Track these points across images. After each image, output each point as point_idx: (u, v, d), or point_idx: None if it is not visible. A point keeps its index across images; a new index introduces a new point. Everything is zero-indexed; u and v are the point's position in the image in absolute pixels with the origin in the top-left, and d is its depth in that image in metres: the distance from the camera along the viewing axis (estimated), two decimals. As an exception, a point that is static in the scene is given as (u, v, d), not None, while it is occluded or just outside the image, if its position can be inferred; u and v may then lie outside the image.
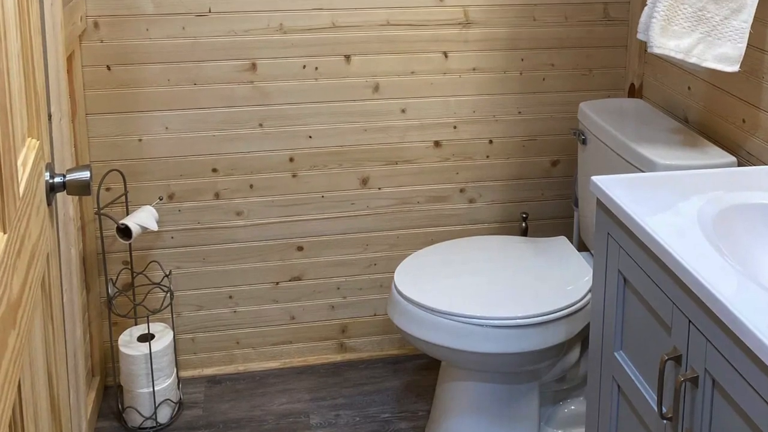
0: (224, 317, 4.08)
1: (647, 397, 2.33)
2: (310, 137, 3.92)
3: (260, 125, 3.86)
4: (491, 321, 3.23)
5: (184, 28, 3.69)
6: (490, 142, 4.07)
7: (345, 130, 3.94)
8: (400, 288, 3.36)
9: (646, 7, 2.97)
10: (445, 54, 3.91)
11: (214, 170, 3.88)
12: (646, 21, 2.95)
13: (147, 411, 3.73)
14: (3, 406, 1.34)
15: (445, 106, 3.99)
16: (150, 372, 3.70)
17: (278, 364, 4.18)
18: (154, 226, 3.68)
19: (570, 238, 3.88)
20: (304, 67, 3.82)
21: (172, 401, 3.82)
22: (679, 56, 2.94)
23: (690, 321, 2.06)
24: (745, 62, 3.00)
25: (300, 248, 4.05)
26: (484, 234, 4.14)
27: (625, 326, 2.51)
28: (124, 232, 3.61)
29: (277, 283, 4.08)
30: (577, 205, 3.89)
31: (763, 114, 3.10)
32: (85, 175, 2.06)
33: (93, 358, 3.83)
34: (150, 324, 3.77)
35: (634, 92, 4.02)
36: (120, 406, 3.82)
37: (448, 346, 3.25)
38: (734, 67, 2.96)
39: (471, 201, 4.14)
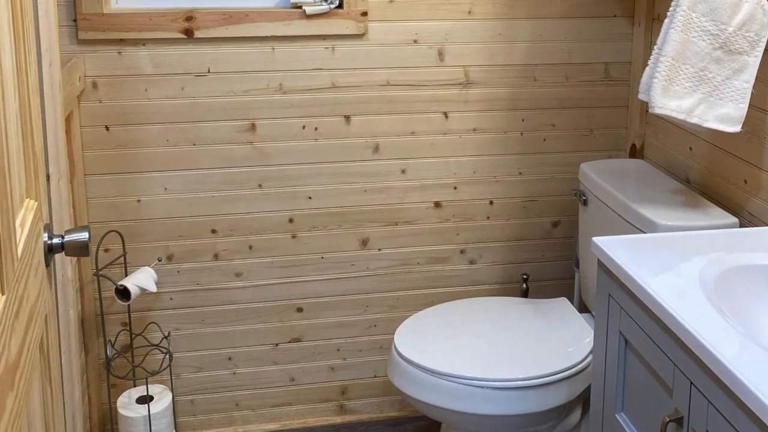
0: (223, 379, 4.04)
1: (651, 460, 2.30)
2: (310, 198, 3.90)
3: (260, 186, 3.85)
4: (491, 383, 3.21)
5: (183, 88, 3.69)
6: (491, 202, 4.06)
7: (345, 191, 3.93)
8: (400, 349, 3.34)
9: (647, 67, 2.97)
10: (446, 114, 3.90)
11: (214, 231, 3.86)
12: (648, 81, 2.95)
13: (145, 474, 3.70)
14: (-2, 470, 1.32)
15: (446, 167, 3.98)
16: (148, 434, 3.67)
17: (278, 426, 4.14)
18: (153, 288, 3.66)
19: (571, 300, 3.86)
20: (304, 127, 3.82)
21: (170, 464, 3.79)
22: (681, 116, 2.93)
23: (691, 382, 2.04)
24: (747, 123, 3.00)
25: (300, 309, 4.03)
26: (484, 295, 4.12)
27: (627, 388, 2.48)
28: (123, 293, 3.59)
29: (277, 345, 4.05)
30: (578, 266, 3.87)
31: (765, 175, 3.09)
32: (84, 236, 2.05)
33: (92, 420, 3.79)
34: (149, 386, 3.75)
35: (635, 153, 4.01)
36: (117, 469, 3.78)
37: (449, 407, 3.23)
38: (736, 128, 2.96)
39: (471, 262, 4.12)
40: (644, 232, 3.18)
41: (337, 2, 3.69)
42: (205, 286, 3.93)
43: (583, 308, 3.84)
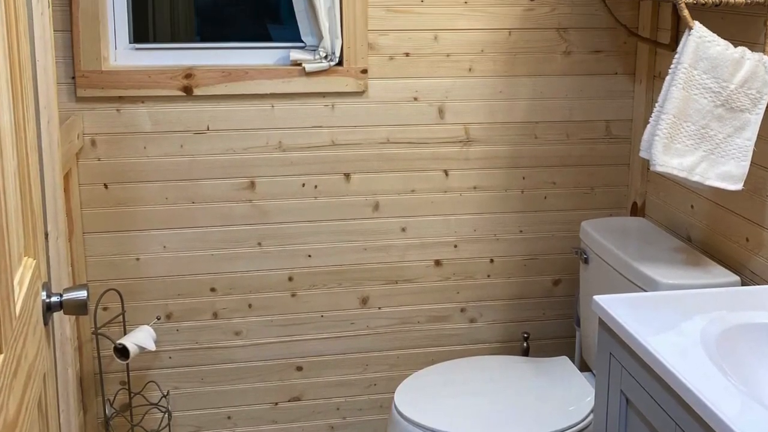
0: (222, 439, 4.02)
1: None
2: (310, 256, 3.89)
3: (259, 244, 3.83)
4: (493, 443, 3.18)
5: (182, 145, 3.69)
6: (491, 261, 4.04)
7: (344, 249, 3.91)
8: (401, 408, 3.31)
9: (648, 125, 2.96)
10: (446, 172, 3.90)
11: (213, 289, 3.84)
12: (649, 139, 2.94)
13: None
14: None
15: (446, 225, 3.97)
16: (145, 495, 3.64)
17: (277, 487, 4.11)
18: (151, 346, 3.64)
19: (572, 358, 3.83)
20: (304, 185, 3.81)
21: None
22: (682, 174, 2.92)
23: (694, 442, 2.01)
24: (749, 180, 2.99)
25: (299, 368, 4.00)
26: (485, 354, 4.09)
27: (629, 448, 2.46)
28: (122, 352, 3.56)
29: (276, 404, 4.02)
30: (579, 325, 3.85)
31: (767, 233, 3.08)
32: (82, 294, 2.04)
33: (88, 480, 3.76)
34: (147, 446, 3.72)
35: (636, 211, 4.00)
36: None
37: (450, 467, 3.20)
38: (738, 186, 2.95)
39: (472, 320, 4.09)
40: (645, 291, 3.16)
41: (337, 59, 3.69)
42: (204, 344, 3.90)
43: (584, 367, 3.81)
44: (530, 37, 3.81)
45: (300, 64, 3.68)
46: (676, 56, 2.87)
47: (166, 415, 3.75)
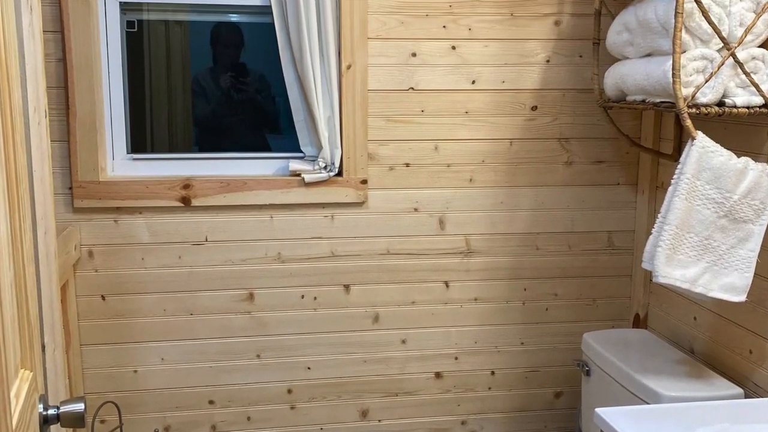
0: None
1: None
2: (309, 368, 3.85)
3: (258, 356, 3.79)
4: None
5: (180, 257, 3.67)
6: (492, 373, 4.00)
7: (344, 361, 3.87)
8: None
9: (651, 236, 2.94)
10: (447, 283, 3.87)
11: (211, 402, 3.79)
12: (652, 250, 2.92)
13: None
14: None
15: (446, 337, 3.93)
16: None
17: None
18: (146, 461, 3.58)
19: (576, 473, 3.78)
20: (303, 296, 3.78)
21: None
22: (685, 286, 2.89)
23: None
24: (752, 292, 2.98)
25: (297, 484, 3.94)
26: (487, 468, 4.04)
27: None
28: (116, 466, 3.51)
29: None
30: (582, 439, 3.80)
31: (773, 345, 3.06)
32: (79, 407, 2.01)
33: None
34: None
35: (639, 322, 3.97)
36: None
37: None
38: (741, 297, 2.92)
39: (473, 434, 4.05)
40: (648, 404, 3.12)
41: (337, 170, 3.68)
42: (200, 459, 3.85)
43: (589, 482, 3.75)
44: (532, 147, 3.81)
45: (299, 175, 3.68)
46: (679, 166, 2.86)
47: None
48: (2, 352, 1.53)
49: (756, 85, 2.89)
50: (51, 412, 2.00)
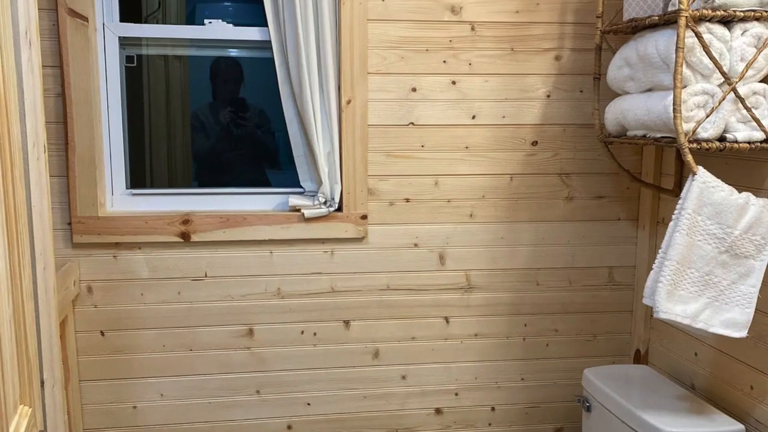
0: None
1: None
2: (309, 404, 3.82)
3: (257, 392, 3.77)
4: None
5: (179, 292, 3.65)
6: (492, 409, 3.98)
7: (344, 397, 3.85)
8: None
9: (652, 271, 2.93)
10: (447, 319, 3.86)
11: (209, 439, 3.78)
12: (652, 285, 2.91)
13: None
14: None
15: (447, 373, 3.91)
16: None
17: None
18: (144, 498, 3.56)
19: None
20: (303, 332, 3.77)
21: None
22: (686, 321, 2.88)
23: None
24: (753, 328, 2.97)
25: None
26: (488, 506, 4.01)
27: None
28: (113, 504, 3.48)
29: None
30: (584, 476, 3.78)
31: (774, 381, 3.04)
32: (76, 444, 2.00)
33: None
34: None
35: (639, 358, 3.96)
36: None
37: None
38: (742, 333, 2.90)
39: (474, 471, 4.02)
40: (652, 440, 3.10)
41: (337, 205, 3.67)
42: (198, 496, 3.82)
43: None
44: (532, 182, 3.81)
45: (299, 210, 3.67)
46: (680, 202, 2.85)
47: None
48: (1, 387, 1.52)
49: (757, 120, 2.89)
50: (49, 447, 1.99)
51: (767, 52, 2.89)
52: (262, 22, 3.55)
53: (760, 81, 2.95)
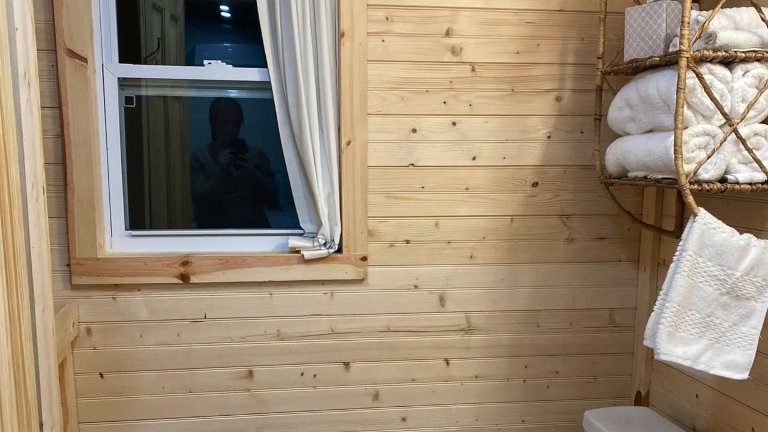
0: None
1: None
2: (308, 447, 3.81)
3: (256, 434, 3.76)
4: None
5: (179, 334, 3.64)
6: (494, 451, 3.97)
7: (344, 440, 3.84)
8: None
9: (652, 313, 2.92)
10: (447, 361, 3.85)
11: (208, 482, 3.75)
12: (653, 327, 2.90)
13: None
14: None
15: (447, 415, 3.89)
16: None
17: None
18: None
19: None
20: (302, 374, 3.75)
21: None
22: (687, 363, 2.87)
23: None
24: (755, 369, 2.96)
25: None
26: None
27: None
28: None
29: None
30: None
31: (776, 423, 3.03)
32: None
33: None
34: None
35: (640, 400, 3.94)
36: None
37: None
38: (743, 375, 2.89)
39: None
40: (655, 483, 3.09)
41: (337, 246, 3.67)
42: None
43: None
44: (533, 223, 3.80)
45: (299, 252, 3.66)
46: (681, 243, 2.85)
47: None
48: (0, 430, 1.51)
49: (758, 162, 2.89)
50: (48, 492, 1.97)
51: (768, 93, 2.90)
52: (262, 63, 3.56)
53: (762, 122, 2.95)
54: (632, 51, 3.17)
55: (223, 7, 6.38)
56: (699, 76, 2.80)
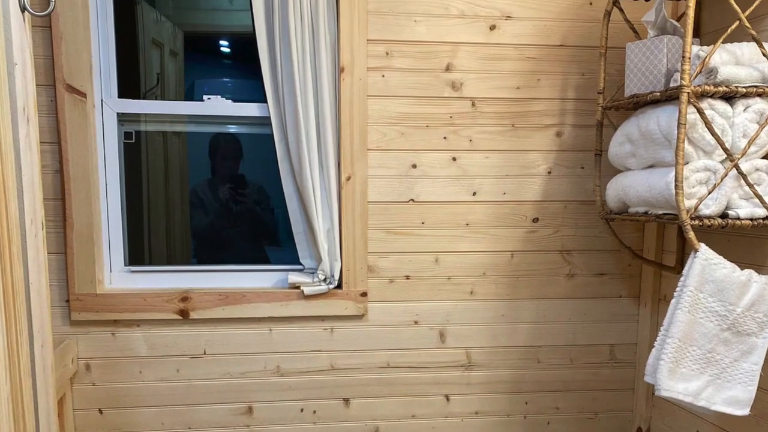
0: None
1: None
2: (308, 485, 3.79)
3: (256, 471, 3.74)
4: None
5: (178, 370, 3.63)
6: (494, 489, 3.95)
7: (343, 477, 3.82)
8: None
9: (653, 349, 2.91)
10: (447, 397, 3.83)
11: None
12: (654, 363, 2.89)
13: None
14: None
15: (447, 451, 3.88)
16: None
17: None
18: None
19: None
20: (302, 410, 3.74)
21: None
22: (688, 399, 2.86)
23: None
24: (756, 405, 2.95)
25: None
26: None
27: None
28: None
29: None
30: None
31: (778, 459, 3.02)
32: None
33: None
34: None
35: (642, 436, 3.94)
36: None
37: None
38: (744, 411, 2.89)
39: None
40: None
41: (336, 282, 3.66)
42: None
43: None
44: (533, 259, 3.80)
45: (298, 287, 3.65)
46: (682, 279, 2.84)
47: None
48: (-2, 468, 1.50)
49: (759, 197, 2.89)
50: None
51: (769, 129, 2.90)
52: (262, 98, 3.56)
53: (763, 157, 2.95)
54: (633, 86, 3.18)
55: (223, 42, 6.41)
56: (700, 112, 2.80)
